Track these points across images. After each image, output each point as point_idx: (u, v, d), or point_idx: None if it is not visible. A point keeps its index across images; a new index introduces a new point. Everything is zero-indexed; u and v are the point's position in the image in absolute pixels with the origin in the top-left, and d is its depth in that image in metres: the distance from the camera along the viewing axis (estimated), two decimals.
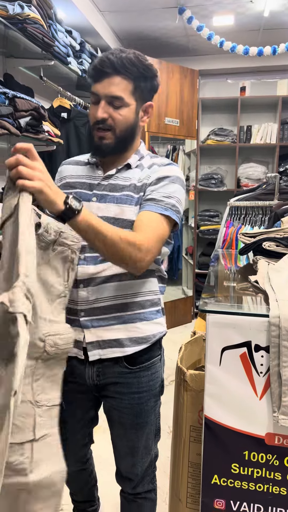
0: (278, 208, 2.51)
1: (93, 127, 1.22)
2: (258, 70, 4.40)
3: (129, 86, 1.20)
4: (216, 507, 1.35)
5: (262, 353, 1.24)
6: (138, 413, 1.32)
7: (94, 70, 1.19)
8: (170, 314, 4.21)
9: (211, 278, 1.78)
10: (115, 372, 1.28)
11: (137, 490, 1.43)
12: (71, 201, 0.99)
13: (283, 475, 1.28)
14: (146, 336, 1.29)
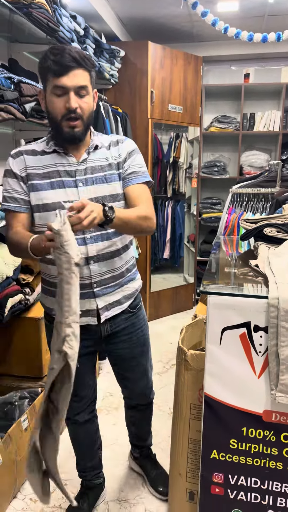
0: (279, 195, 2.53)
1: (61, 118, 1.33)
2: (262, 57, 4.37)
3: (88, 76, 1.35)
4: (215, 481, 1.41)
5: (261, 333, 1.28)
6: (143, 342, 1.65)
7: (58, 65, 1.28)
8: (171, 300, 4.25)
9: (212, 264, 1.81)
10: (122, 319, 1.56)
11: (150, 398, 1.82)
12: (109, 212, 1.25)
13: (279, 451, 1.34)
14: (134, 291, 1.60)
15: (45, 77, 1.33)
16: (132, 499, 1.84)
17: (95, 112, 2.84)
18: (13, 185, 1.40)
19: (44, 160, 1.40)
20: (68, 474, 1.99)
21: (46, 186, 1.39)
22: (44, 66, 1.31)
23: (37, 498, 1.31)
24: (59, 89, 1.30)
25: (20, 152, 1.42)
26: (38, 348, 2.18)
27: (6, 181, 1.42)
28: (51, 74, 1.30)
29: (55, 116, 1.34)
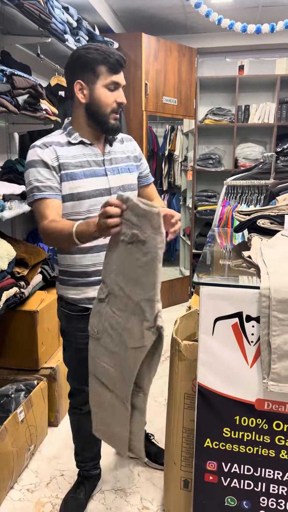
0: (273, 187, 2.54)
1: (110, 111, 1.43)
2: (257, 49, 4.36)
3: None
4: (209, 469, 1.43)
5: (253, 323, 1.29)
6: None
7: (118, 64, 1.42)
8: (167, 293, 4.27)
9: (207, 256, 1.83)
10: None
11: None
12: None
13: (271, 438, 1.36)
14: None
15: (94, 71, 1.39)
16: (128, 488, 1.86)
17: None
18: (46, 174, 1.41)
19: (72, 151, 1.45)
20: (64, 465, 2.01)
21: (80, 175, 1.44)
22: (98, 59, 1.38)
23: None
24: (113, 85, 1.42)
25: (48, 143, 1.43)
26: (34, 341, 2.19)
27: (36, 171, 1.40)
28: (107, 69, 1.40)
29: (104, 108, 1.42)
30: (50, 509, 1.75)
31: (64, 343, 1.63)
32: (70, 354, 1.62)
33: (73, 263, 1.50)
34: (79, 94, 1.42)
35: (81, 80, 1.41)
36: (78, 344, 1.53)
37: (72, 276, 1.52)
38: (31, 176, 1.41)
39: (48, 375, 2.23)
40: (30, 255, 2.27)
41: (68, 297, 1.54)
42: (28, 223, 2.96)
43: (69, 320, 1.56)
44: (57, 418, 2.30)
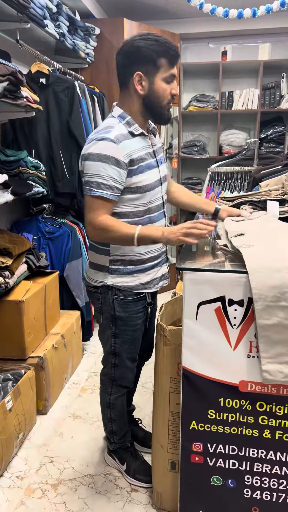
0: (257, 173, 2.56)
1: (167, 103, 1.47)
2: (240, 34, 4.34)
3: None
4: (195, 450, 1.46)
5: (236, 307, 1.31)
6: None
7: (175, 57, 1.44)
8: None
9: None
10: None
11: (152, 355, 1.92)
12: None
13: (255, 419, 1.39)
14: None
15: (154, 63, 1.41)
16: (116, 472, 1.89)
17: (70, 93, 2.80)
18: (111, 173, 1.41)
19: (136, 144, 1.48)
20: (53, 451, 2.03)
21: (145, 168, 1.49)
22: (159, 51, 1.40)
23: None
24: (171, 77, 1.45)
25: (119, 138, 1.43)
26: (20, 331, 2.19)
27: (102, 167, 1.40)
28: (167, 62, 1.42)
29: (162, 99, 1.46)
30: (40, 495, 1.77)
31: (115, 331, 1.64)
32: (125, 338, 1.66)
33: (130, 252, 1.55)
34: (138, 85, 1.44)
35: (141, 71, 1.43)
36: (135, 325, 1.66)
37: (127, 265, 1.57)
38: (96, 170, 1.41)
39: (35, 364, 2.23)
40: (14, 245, 2.26)
41: (122, 285, 1.57)
42: (12, 213, 2.93)
43: (126, 305, 1.61)
44: (46, 406, 2.32)
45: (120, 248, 1.54)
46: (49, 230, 2.86)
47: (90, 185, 1.43)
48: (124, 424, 1.86)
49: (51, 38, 2.82)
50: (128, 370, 1.75)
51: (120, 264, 1.57)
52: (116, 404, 1.80)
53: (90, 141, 1.45)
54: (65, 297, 2.89)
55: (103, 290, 1.61)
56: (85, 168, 1.44)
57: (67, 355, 2.59)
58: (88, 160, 1.42)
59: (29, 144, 2.78)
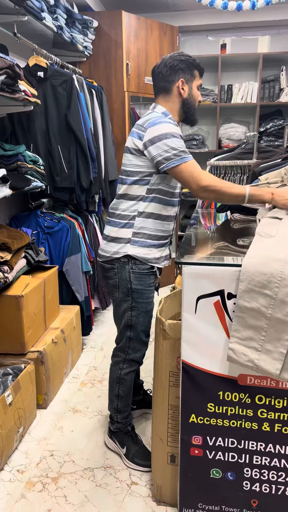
0: (256, 167, 2.54)
1: (197, 105, 1.82)
2: (239, 27, 4.31)
3: None
4: (194, 443, 1.47)
5: (235, 301, 1.31)
6: None
7: (203, 71, 1.81)
8: None
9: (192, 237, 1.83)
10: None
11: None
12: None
13: (254, 412, 1.39)
14: None
15: (192, 73, 1.76)
16: (116, 465, 1.90)
17: (68, 86, 2.78)
18: (184, 146, 1.67)
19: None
20: (54, 445, 2.04)
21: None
22: (195, 64, 1.76)
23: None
24: (200, 86, 1.81)
25: (174, 121, 1.75)
26: (20, 326, 2.20)
27: (178, 141, 1.64)
28: (199, 74, 1.79)
29: (195, 103, 1.80)
30: (40, 488, 1.78)
31: (132, 303, 1.80)
32: (141, 310, 1.81)
33: (151, 227, 1.75)
34: (181, 90, 1.75)
35: (183, 78, 1.74)
36: (148, 299, 1.82)
37: (146, 238, 1.75)
38: (176, 144, 1.63)
39: (35, 358, 2.24)
40: (13, 239, 2.26)
41: (140, 256, 1.75)
42: (10, 208, 2.93)
43: (141, 278, 1.77)
44: (46, 400, 2.33)
45: (143, 222, 1.74)
46: (48, 225, 2.86)
47: (180, 155, 1.62)
48: (128, 404, 1.96)
49: (48, 31, 2.80)
50: (142, 344, 1.87)
51: (141, 236, 1.75)
52: (126, 379, 1.90)
53: (155, 125, 1.65)
54: (64, 292, 2.89)
55: (119, 265, 1.77)
56: (165, 145, 1.62)
57: (66, 350, 2.60)
58: (167, 138, 1.63)
59: (27, 138, 2.77)
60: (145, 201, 1.72)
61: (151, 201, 1.72)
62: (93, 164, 2.95)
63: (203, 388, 1.41)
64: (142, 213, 1.73)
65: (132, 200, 1.74)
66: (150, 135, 1.64)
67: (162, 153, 1.62)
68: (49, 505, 1.69)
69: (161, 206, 1.74)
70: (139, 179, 1.71)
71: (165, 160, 1.62)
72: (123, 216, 1.76)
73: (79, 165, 2.85)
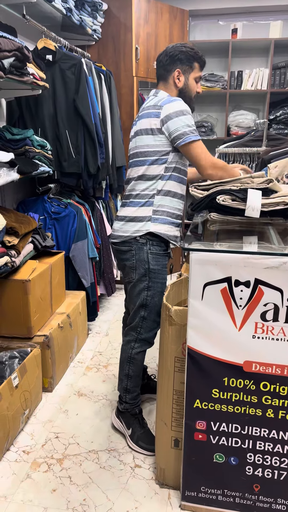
0: (265, 155, 2.52)
1: (194, 96, 1.89)
2: (251, 11, 4.22)
3: None
4: (198, 428, 1.49)
5: (242, 288, 1.32)
6: None
7: (204, 64, 1.87)
8: None
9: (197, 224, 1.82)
10: None
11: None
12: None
13: (259, 398, 1.40)
14: None
15: (191, 64, 1.82)
16: (121, 448, 1.93)
17: (77, 70, 2.75)
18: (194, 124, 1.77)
19: None
20: (59, 427, 2.07)
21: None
22: (195, 56, 1.81)
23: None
24: (198, 78, 1.87)
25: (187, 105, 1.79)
26: (26, 310, 2.21)
27: (191, 119, 1.74)
28: (199, 65, 1.84)
29: (191, 94, 1.87)
30: (46, 468, 1.81)
31: (149, 283, 1.84)
32: (157, 290, 1.86)
33: (169, 204, 1.82)
34: (177, 79, 1.82)
35: (180, 69, 1.81)
36: (163, 279, 1.87)
37: (166, 216, 1.82)
38: (190, 121, 1.73)
39: (41, 342, 2.26)
40: (21, 224, 2.26)
41: (162, 232, 1.81)
42: (18, 192, 2.93)
43: (158, 258, 1.84)
44: (51, 384, 2.35)
45: (162, 199, 1.80)
46: (55, 210, 2.86)
47: (193, 133, 1.71)
48: (138, 384, 1.98)
49: (57, 13, 2.76)
50: (155, 324, 1.90)
51: (160, 214, 1.81)
52: (136, 359, 1.93)
53: (170, 102, 1.73)
54: (70, 278, 2.90)
55: (137, 246, 1.82)
56: (180, 122, 1.71)
57: (72, 335, 2.62)
58: (183, 114, 1.71)
59: (35, 122, 2.75)
60: (163, 180, 1.79)
61: (169, 179, 1.79)
62: (101, 150, 2.93)
63: (208, 374, 1.42)
64: (160, 191, 1.80)
65: (151, 180, 1.79)
66: (168, 111, 1.72)
67: (179, 128, 1.70)
68: (54, 485, 1.72)
69: (177, 184, 1.82)
70: (157, 158, 1.77)
71: (182, 135, 1.70)
72: (143, 196, 1.81)
73: (87, 150, 2.83)
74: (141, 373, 1.98)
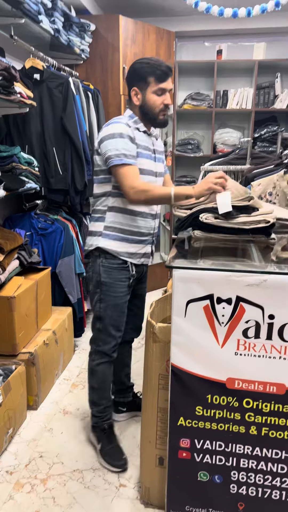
0: (249, 173, 2.57)
1: (159, 110, 1.80)
2: (235, 33, 4.34)
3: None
4: (182, 446, 1.48)
5: (224, 305, 1.33)
6: (147, 286, 2.16)
7: (165, 74, 1.75)
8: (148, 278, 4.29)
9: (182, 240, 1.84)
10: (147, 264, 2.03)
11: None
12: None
13: (242, 415, 1.41)
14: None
15: (145, 80, 1.75)
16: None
17: (64, 89, 2.79)
18: (130, 146, 1.74)
19: (140, 136, 1.82)
20: (43, 447, 2.04)
21: (144, 156, 1.81)
22: (148, 71, 1.74)
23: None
24: (160, 91, 1.77)
25: (128, 124, 1.78)
26: (11, 326, 2.20)
27: (122, 142, 1.72)
28: (154, 79, 1.75)
29: (153, 109, 1.79)
30: (29, 489, 1.78)
31: (100, 295, 1.88)
32: (108, 302, 1.87)
33: (122, 221, 1.83)
34: (134, 98, 1.80)
35: (136, 87, 1.78)
36: (117, 293, 1.87)
37: (118, 232, 1.83)
38: (119, 144, 1.71)
39: (26, 360, 2.24)
40: (6, 240, 2.26)
41: (110, 248, 1.83)
42: (4, 208, 2.93)
43: (110, 272, 1.85)
44: (37, 401, 2.33)
45: (113, 216, 1.82)
46: (41, 226, 2.86)
47: (119, 156, 1.71)
48: (104, 397, 1.99)
49: (46, 33, 2.81)
50: (110, 337, 1.91)
51: (111, 230, 1.83)
52: (97, 371, 1.95)
53: (106, 126, 1.77)
54: (57, 293, 2.90)
55: (93, 258, 1.87)
56: (109, 144, 1.72)
57: (58, 351, 2.60)
58: (110, 138, 1.72)
59: (22, 140, 2.78)
60: (113, 197, 1.81)
61: (117, 196, 1.80)
62: (88, 167, 2.96)
63: (192, 391, 1.42)
64: (112, 207, 1.82)
65: (101, 197, 1.84)
66: (102, 134, 1.76)
67: (106, 151, 1.73)
68: (37, 507, 1.69)
69: (128, 201, 1.78)
70: (104, 177, 1.81)
71: (107, 158, 1.73)
72: (97, 211, 1.87)
73: (74, 167, 2.86)
74: (106, 386, 1.99)
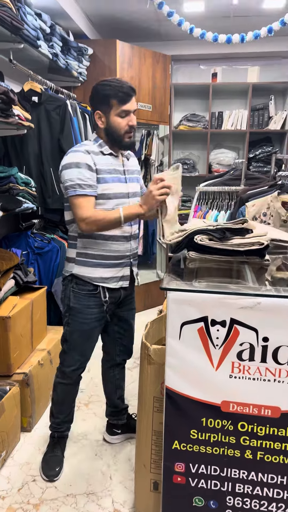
0: (243, 193, 2.61)
1: (124, 133, 1.77)
2: (230, 57, 4.45)
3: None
4: (177, 470, 1.46)
5: (218, 327, 1.33)
6: (135, 308, 2.12)
7: (127, 95, 1.72)
8: (143, 296, 4.30)
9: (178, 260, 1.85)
10: (130, 287, 1.96)
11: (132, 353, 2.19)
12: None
13: (237, 439, 1.40)
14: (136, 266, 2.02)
15: (107, 103, 1.73)
16: (99, 492, 1.88)
17: (62, 111, 2.84)
18: (87, 175, 1.71)
19: (105, 160, 1.79)
20: (36, 470, 2.01)
21: (110, 180, 1.78)
22: (108, 94, 1.71)
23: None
24: (124, 113, 1.74)
25: (88, 151, 1.75)
26: (6, 347, 2.19)
27: (79, 171, 1.70)
28: (117, 101, 1.72)
29: (118, 131, 1.77)
30: None
31: (68, 319, 1.88)
32: (74, 327, 1.88)
33: (94, 246, 1.81)
34: (99, 121, 1.78)
35: (99, 110, 1.76)
36: (84, 319, 1.86)
37: (91, 258, 1.81)
38: (74, 174, 1.70)
39: (21, 380, 2.22)
40: (2, 260, 2.27)
41: (84, 274, 1.82)
42: (1, 228, 2.94)
43: (79, 297, 1.84)
44: (31, 423, 2.30)
45: (87, 241, 1.81)
46: (38, 246, 2.87)
47: (73, 187, 1.70)
48: (61, 412, 2.05)
49: (44, 57, 2.88)
50: (73, 360, 1.93)
51: (84, 256, 1.82)
52: (56, 387, 2.01)
53: (66, 155, 1.76)
54: (52, 313, 2.89)
55: (65, 282, 1.87)
56: (66, 175, 1.72)
57: (53, 372, 2.58)
58: (66, 169, 1.72)
59: (20, 160, 2.81)
60: None
61: None
62: None
63: (187, 414, 1.41)
64: (81, 234, 1.81)
65: (71, 224, 1.83)
66: (61, 164, 1.76)
67: (64, 182, 1.73)
68: None
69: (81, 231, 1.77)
70: (68, 204, 1.79)
71: (65, 189, 1.74)
72: (70, 237, 1.87)
73: None
74: (65, 404, 2.04)
